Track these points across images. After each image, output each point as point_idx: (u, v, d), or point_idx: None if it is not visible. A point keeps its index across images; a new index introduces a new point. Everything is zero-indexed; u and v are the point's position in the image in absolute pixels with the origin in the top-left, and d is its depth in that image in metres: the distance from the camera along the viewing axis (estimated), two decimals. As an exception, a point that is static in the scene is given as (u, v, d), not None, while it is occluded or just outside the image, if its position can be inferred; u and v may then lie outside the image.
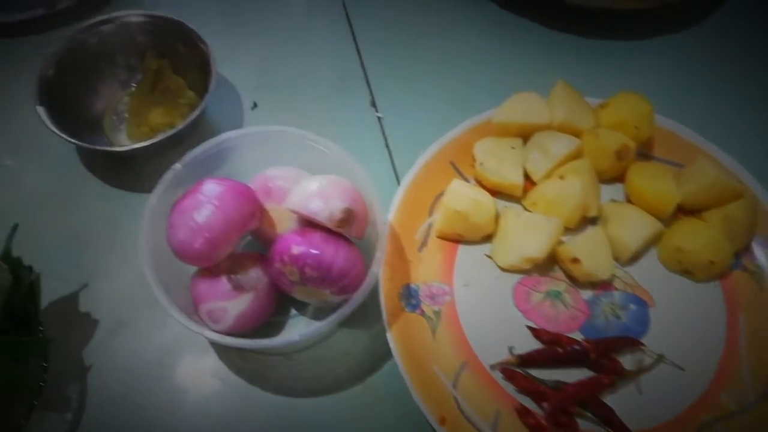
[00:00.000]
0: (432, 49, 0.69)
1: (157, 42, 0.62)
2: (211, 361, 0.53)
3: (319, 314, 0.54)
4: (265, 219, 0.52)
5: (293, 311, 0.55)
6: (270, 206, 0.52)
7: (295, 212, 0.49)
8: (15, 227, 0.48)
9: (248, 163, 0.54)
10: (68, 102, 0.59)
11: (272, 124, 0.63)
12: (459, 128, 0.61)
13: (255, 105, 0.66)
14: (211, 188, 0.48)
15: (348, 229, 0.48)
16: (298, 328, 0.54)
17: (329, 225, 0.47)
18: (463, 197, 0.55)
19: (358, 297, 0.46)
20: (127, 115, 0.63)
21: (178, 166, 0.50)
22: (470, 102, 0.64)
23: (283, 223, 0.52)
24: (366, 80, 0.67)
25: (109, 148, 0.57)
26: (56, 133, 0.55)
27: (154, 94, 0.63)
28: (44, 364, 0.47)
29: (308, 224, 0.51)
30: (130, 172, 0.61)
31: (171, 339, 0.53)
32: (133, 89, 0.64)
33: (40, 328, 0.48)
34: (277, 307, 0.52)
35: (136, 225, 0.57)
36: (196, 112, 0.56)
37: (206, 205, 0.47)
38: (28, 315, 0.47)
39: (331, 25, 0.71)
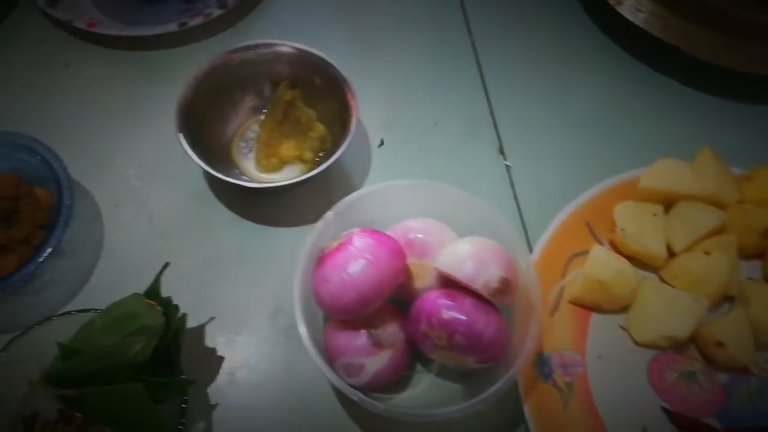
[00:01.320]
0: (566, 101, 0.67)
1: (294, 73, 0.61)
2: (336, 410, 0.52)
3: (444, 372, 0.53)
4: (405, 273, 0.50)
5: (418, 366, 0.53)
6: (409, 260, 0.51)
7: (444, 273, 0.48)
8: (165, 266, 0.47)
9: (387, 212, 0.53)
10: (202, 127, 0.58)
11: (398, 164, 0.63)
12: (597, 188, 0.59)
13: (382, 142, 0.64)
14: (363, 241, 0.47)
15: (501, 298, 0.46)
16: (424, 385, 0.52)
17: (483, 293, 0.46)
18: (605, 266, 0.53)
19: (514, 372, 0.45)
20: (256, 144, 0.62)
21: (330, 214, 0.49)
22: (606, 160, 0.62)
23: (422, 279, 0.51)
24: (494, 126, 0.66)
25: (253, 185, 0.56)
26: (197, 163, 0.54)
27: (284, 124, 0.62)
28: (183, 406, 0.46)
29: (448, 283, 0.50)
30: (259, 204, 0.60)
31: (296, 383, 0.52)
32: (262, 117, 0.64)
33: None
34: (405, 362, 0.51)
35: (264, 259, 0.58)
36: (337, 154, 0.55)
37: (359, 259, 0.46)
38: (170, 355, 0.46)
39: (461, 68, 0.69)
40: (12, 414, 0.48)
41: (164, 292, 0.49)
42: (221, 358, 0.53)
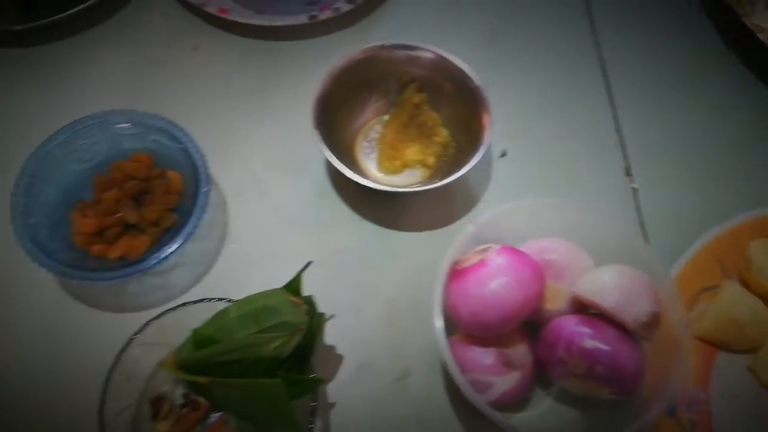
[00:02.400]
0: (699, 126, 0.65)
1: (424, 76, 0.60)
2: (452, 422, 0.51)
3: (563, 397, 0.52)
4: (537, 293, 0.49)
5: (537, 388, 0.52)
6: (542, 280, 0.50)
7: (585, 300, 0.47)
8: (308, 264, 0.47)
9: (518, 229, 0.52)
10: (332, 123, 0.58)
11: (519, 177, 0.62)
12: (731, 222, 0.57)
13: (504, 153, 0.63)
14: (506, 259, 0.46)
15: (647, 333, 0.45)
16: (542, 408, 0.51)
17: (629, 325, 0.44)
18: (741, 304, 0.52)
19: (656, 410, 0.43)
20: (379, 145, 0.62)
21: (471, 228, 0.48)
22: (741, 192, 0.60)
23: (553, 301, 0.49)
24: (621, 146, 0.64)
25: (389, 188, 0.54)
26: (332, 162, 0.54)
27: (409, 127, 0.62)
28: (313, 404, 0.46)
29: (581, 308, 0.49)
30: (379, 206, 0.60)
31: (412, 390, 0.52)
32: (386, 118, 0.63)
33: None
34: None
35: (382, 261, 0.57)
36: (470, 164, 0.54)
37: (502, 277, 0.45)
38: (305, 353, 0.46)
39: (588, 83, 0.67)
40: (139, 394, 0.49)
41: (281, 285, 0.48)
42: (340, 357, 0.53)
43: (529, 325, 0.50)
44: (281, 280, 0.48)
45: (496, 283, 0.45)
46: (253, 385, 0.44)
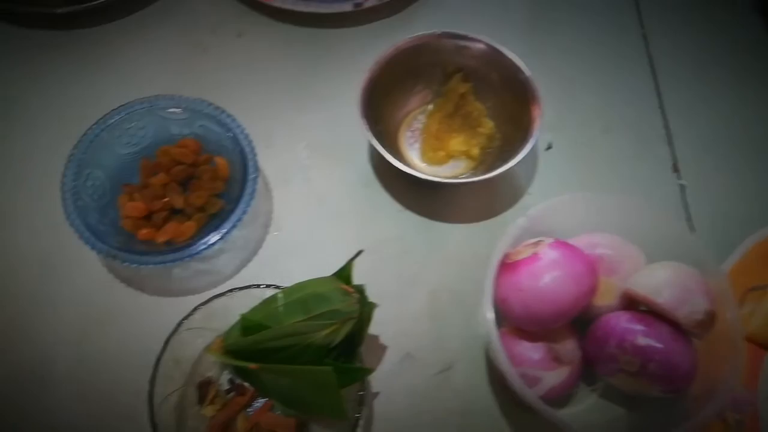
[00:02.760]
0: (749, 124, 0.63)
1: (471, 66, 0.60)
2: (494, 415, 0.51)
3: (609, 393, 0.51)
4: (587, 288, 0.49)
5: (581, 384, 0.52)
6: (592, 275, 0.49)
7: (639, 297, 0.46)
8: (359, 253, 0.47)
9: (568, 222, 0.51)
10: (378, 112, 0.58)
11: (565, 170, 0.61)
12: (782, 222, 0.56)
13: (550, 146, 0.62)
14: (559, 254, 0.46)
15: (701, 331, 0.44)
16: (586, 404, 0.51)
17: (683, 323, 0.44)
18: (794, 306, 0.51)
19: (710, 410, 0.43)
20: (422, 135, 0.62)
21: (523, 220, 0.48)
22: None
23: (603, 297, 0.49)
24: (669, 142, 0.63)
25: (439, 179, 0.54)
26: (380, 152, 0.53)
27: (454, 118, 0.61)
28: (361, 393, 0.46)
29: (631, 305, 0.48)
30: (423, 196, 0.59)
31: (457, 382, 0.52)
32: (430, 108, 0.62)
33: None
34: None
35: (425, 252, 0.57)
36: (519, 157, 0.53)
37: (556, 271, 0.45)
38: (354, 342, 0.46)
39: (635, 77, 0.66)
40: (185, 377, 0.49)
41: (324, 273, 0.48)
42: (384, 347, 0.53)
43: (576, 320, 0.49)
44: (324, 268, 0.48)
45: (550, 277, 0.44)
46: (303, 372, 0.44)
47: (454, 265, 0.57)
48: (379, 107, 0.58)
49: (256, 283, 0.49)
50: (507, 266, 0.47)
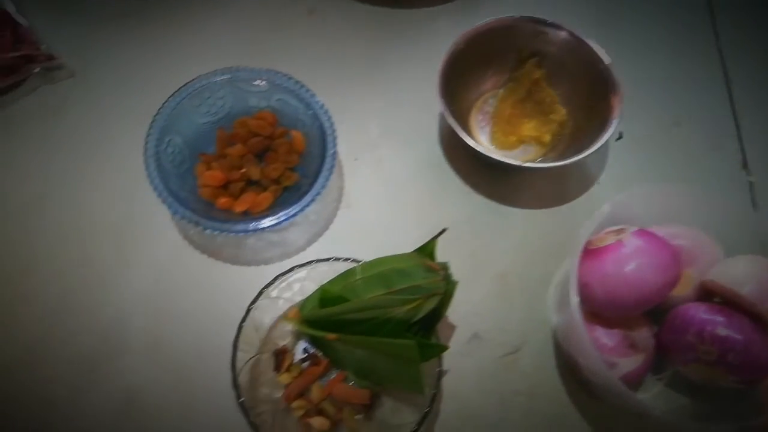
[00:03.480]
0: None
1: (547, 51, 0.60)
2: (561, 397, 0.52)
3: (675, 382, 0.51)
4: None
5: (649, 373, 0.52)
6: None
7: (720, 288, 0.46)
8: (443, 231, 0.48)
9: (645, 213, 0.51)
10: (452, 94, 0.58)
11: (635, 161, 0.61)
12: None
13: (620, 136, 0.62)
14: (644, 242, 0.46)
15: (783, 325, 0.44)
16: (652, 392, 0.51)
17: (764, 315, 0.44)
18: None
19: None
20: (493, 119, 0.62)
21: (607, 207, 0.48)
22: None
23: (681, 287, 0.49)
24: (739, 139, 0.62)
25: (518, 163, 0.54)
26: (458, 132, 0.54)
27: (526, 103, 0.61)
28: (438, 369, 0.47)
29: (706, 296, 0.48)
30: (492, 180, 0.60)
31: (525, 364, 0.53)
32: (501, 92, 0.63)
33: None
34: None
35: (494, 235, 0.57)
36: (596, 146, 0.53)
37: (642, 259, 0.45)
38: (433, 318, 0.47)
39: (706, 72, 0.66)
40: (262, 345, 0.50)
41: (393, 251, 0.49)
42: (453, 327, 0.54)
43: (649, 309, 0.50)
44: (394, 246, 0.49)
45: (635, 264, 0.45)
46: (384, 345, 0.45)
47: (522, 250, 0.57)
48: (453, 89, 0.58)
49: (336, 256, 0.50)
50: (589, 252, 0.47)
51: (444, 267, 0.46)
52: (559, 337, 0.53)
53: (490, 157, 0.54)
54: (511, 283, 0.56)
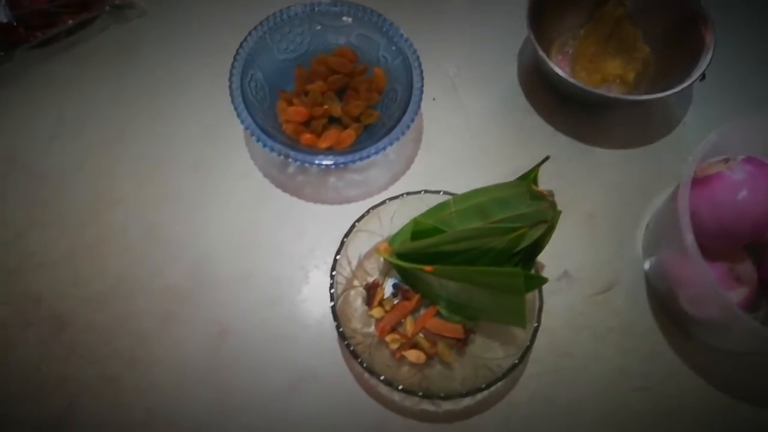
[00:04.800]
0: None
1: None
2: (655, 333, 0.51)
3: (769, 320, 0.50)
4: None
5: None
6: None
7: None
8: (546, 158, 0.46)
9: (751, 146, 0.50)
10: (535, 30, 0.56)
11: (719, 102, 0.59)
12: None
13: (704, 77, 0.60)
14: (756, 170, 0.44)
15: None
16: (749, 331, 0.50)
17: None
18: None
19: None
20: (576, 58, 0.60)
21: (714, 136, 0.46)
22: None
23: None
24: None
25: (605, 93, 0.53)
26: (543, 66, 0.52)
27: (609, 42, 0.60)
28: (540, 302, 0.46)
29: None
30: (576, 120, 0.58)
31: (618, 303, 0.52)
32: (581, 32, 0.61)
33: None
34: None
35: (581, 175, 0.56)
36: (688, 82, 0.52)
37: (753, 186, 0.44)
38: (534, 249, 0.45)
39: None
40: (353, 278, 0.49)
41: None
42: (542, 265, 0.52)
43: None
44: (476, 186, 0.47)
45: (746, 191, 0.43)
46: (486, 275, 0.44)
47: (609, 190, 0.56)
48: (537, 26, 0.57)
49: (427, 189, 0.49)
50: (696, 182, 0.46)
51: (551, 193, 0.44)
52: (652, 276, 0.52)
53: (581, 88, 0.52)
54: (599, 223, 0.54)
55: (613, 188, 0.56)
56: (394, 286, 0.50)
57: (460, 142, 0.57)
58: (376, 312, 0.49)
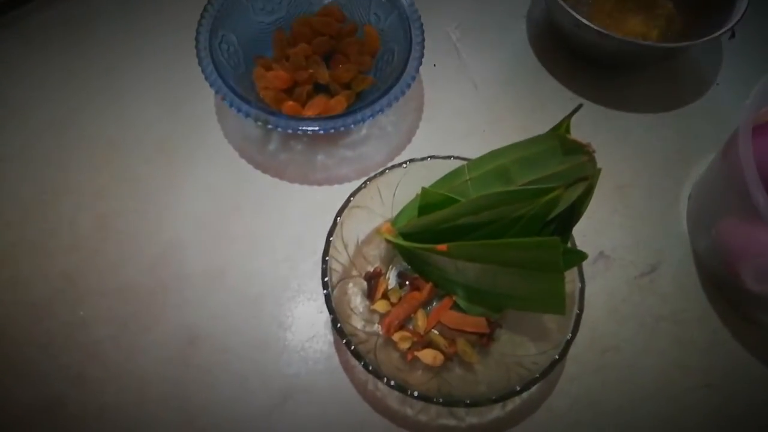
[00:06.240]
0: None
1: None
2: (709, 313, 0.42)
3: None
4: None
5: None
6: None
7: None
8: (579, 107, 0.38)
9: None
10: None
11: (751, 59, 0.53)
12: None
13: (733, 34, 0.54)
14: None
15: None
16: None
17: None
18: None
19: None
20: (594, 14, 0.53)
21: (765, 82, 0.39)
22: None
23: None
24: None
25: (628, 39, 0.45)
26: (560, 21, 0.45)
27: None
28: (581, 285, 0.38)
29: None
30: (597, 82, 0.51)
31: (665, 286, 0.44)
32: (597, -11, 0.54)
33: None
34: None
35: (609, 144, 0.49)
36: (717, 33, 0.45)
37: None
38: (569, 218, 0.37)
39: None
40: (350, 265, 0.41)
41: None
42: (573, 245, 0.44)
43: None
44: None
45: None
46: (516, 247, 0.35)
47: (641, 158, 0.48)
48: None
49: (434, 155, 0.41)
50: (756, 129, 0.38)
51: (589, 144, 0.36)
52: (704, 252, 0.44)
53: (603, 35, 0.45)
54: (634, 196, 0.47)
55: (645, 157, 0.48)
56: (400, 274, 0.42)
57: (467, 111, 0.50)
58: (380, 306, 0.40)
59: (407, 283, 0.41)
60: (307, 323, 0.41)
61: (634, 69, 0.52)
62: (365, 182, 0.40)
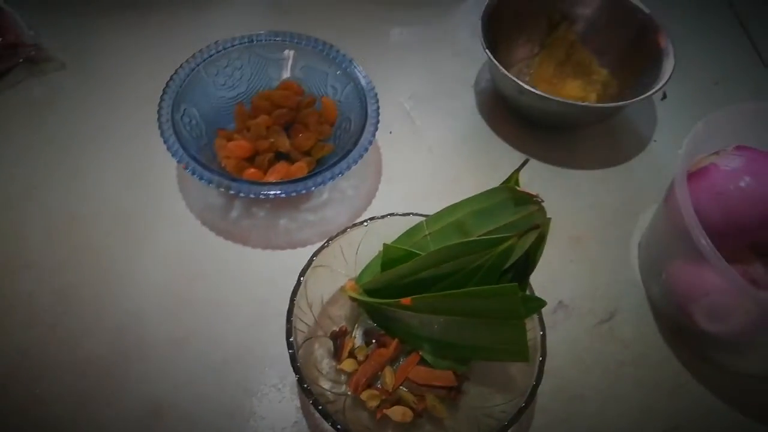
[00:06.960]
0: None
1: (578, 12, 0.57)
2: (671, 361, 0.43)
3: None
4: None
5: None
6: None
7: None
8: (526, 161, 0.41)
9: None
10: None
11: (682, 120, 0.57)
12: None
13: (665, 96, 0.59)
14: (752, 156, 0.40)
15: None
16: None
17: None
18: None
19: None
20: (536, 83, 0.57)
21: (701, 125, 0.42)
22: None
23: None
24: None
25: (577, 102, 0.49)
26: (504, 89, 0.49)
27: (565, 66, 0.57)
28: (542, 332, 0.39)
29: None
30: (542, 143, 0.54)
31: (625, 332, 0.45)
32: (537, 59, 0.59)
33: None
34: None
35: (558, 198, 0.51)
36: (656, 88, 0.49)
37: (755, 172, 0.39)
38: (525, 265, 0.39)
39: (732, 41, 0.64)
40: (316, 325, 0.41)
41: None
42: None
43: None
44: None
45: (748, 177, 0.39)
46: (478, 295, 0.36)
47: (591, 211, 0.51)
48: (493, 48, 0.54)
49: (393, 212, 0.42)
50: (692, 176, 0.41)
51: (538, 196, 0.38)
52: (657, 296, 0.46)
53: (545, 99, 0.48)
54: (588, 246, 0.49)
55: (595, 209, 0.51)
56: (366, 332, 0.42)
57: (423, 174, 0.52)
58: (347, 365, 0.40)
59: (373, 340, 0.41)
60: (273, 388, 0.41)
61: (577, 129, 0.56)
62: (327, 241, 0.41)
